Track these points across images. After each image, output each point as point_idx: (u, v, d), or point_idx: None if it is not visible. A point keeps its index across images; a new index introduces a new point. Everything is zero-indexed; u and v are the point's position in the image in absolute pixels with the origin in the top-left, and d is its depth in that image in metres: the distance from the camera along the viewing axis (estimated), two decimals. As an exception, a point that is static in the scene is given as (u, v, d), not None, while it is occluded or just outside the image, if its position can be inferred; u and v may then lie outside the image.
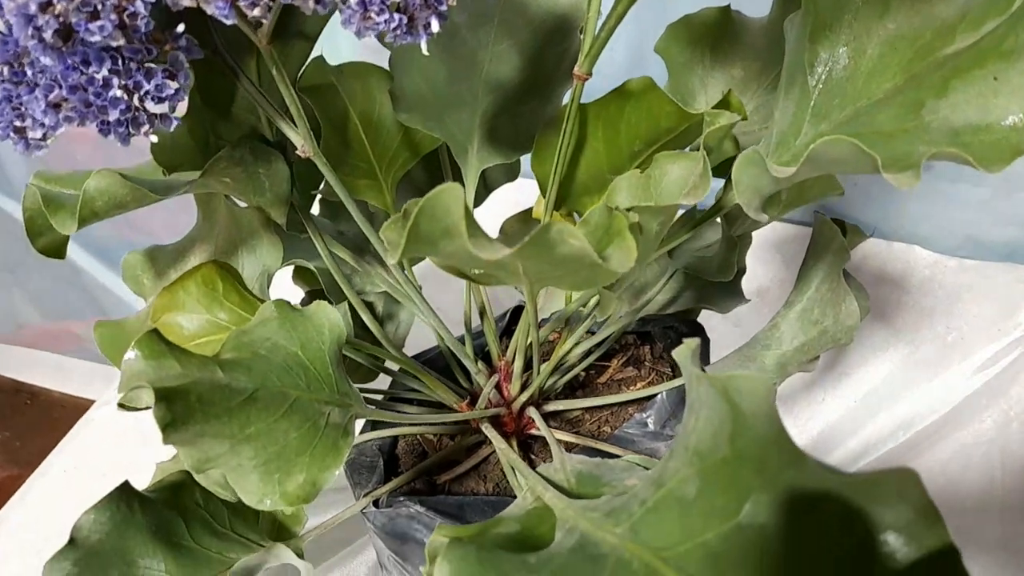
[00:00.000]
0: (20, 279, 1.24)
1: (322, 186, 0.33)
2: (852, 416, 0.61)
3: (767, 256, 0.71)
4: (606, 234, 0.21)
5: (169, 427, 0.22)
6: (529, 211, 0.42)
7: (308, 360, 0.27)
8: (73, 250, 1.16)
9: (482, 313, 0.39)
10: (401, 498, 0.34)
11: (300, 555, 0.31)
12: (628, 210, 0.22)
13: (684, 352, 0.21)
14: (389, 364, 0.41)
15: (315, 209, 0.42)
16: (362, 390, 0.39)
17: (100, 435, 0.61)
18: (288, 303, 0.28)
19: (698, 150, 0.27)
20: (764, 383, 0.17)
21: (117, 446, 0.60)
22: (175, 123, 0.24)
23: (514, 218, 0.42)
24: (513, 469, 0.34)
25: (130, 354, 0.23)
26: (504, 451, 0.32)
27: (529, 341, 0.35)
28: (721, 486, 0.19)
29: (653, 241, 0.25)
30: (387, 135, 0.33)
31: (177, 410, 0.23)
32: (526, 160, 0.36)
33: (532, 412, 0.37)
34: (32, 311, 1.31)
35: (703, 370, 0.20)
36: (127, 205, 0.30)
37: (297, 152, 0.28)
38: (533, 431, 0.39)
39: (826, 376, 0.62)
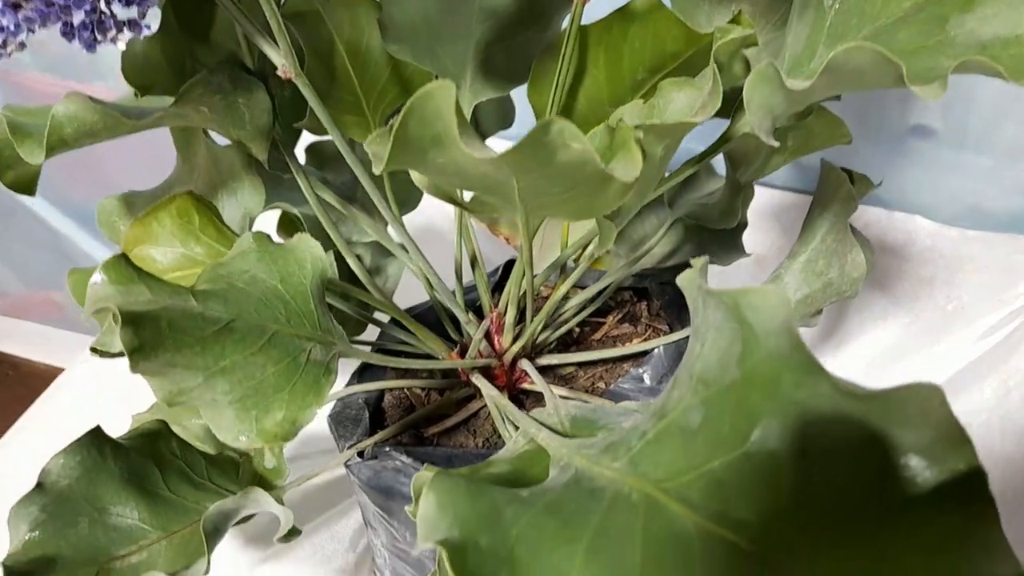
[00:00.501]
0: None
1: (306, 119, 0.31)
2: (849, 385, 0.60)
3: (766, 224, 0.69)
4: (609, 149, 0.19)
5: (137, 353, 0.21)
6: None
7: (288, 294, 0.26)
8: (54, 216, 1.14)
9: (473, 263, 0.38)
10: (387, 448, 0.33)
11: (279, 502, 0.29)
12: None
13: (691, 274, 0.20)
14: (378, 317, 0.40)
15: (300, 159, 0.41)
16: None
17: (78, 393, 0.59)
18: (268, 236, 0.27)
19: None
20: (779, 295, 0.16)
21: (96, 405, 0.59)
22: (145, 31, 0.22)
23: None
24: (503, 419, 0.33)
25: (96, 277, 0.22)
26: (494, 397, 0.31)
27: (523, 291, 0.34)
28: (728, 413, 0.18)
29: (657, 169, 0.23)
30: (375, 67, 0.31)
31: (145, 336, 0.21)
32: (521, 121, 0.34)
33: (525, 364, 0.36)
34: (12, 279, 1.28)
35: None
36: (99, 134, 0.28)
37: (278, 73, 0.26)
38: (525, 385, 0.37)
39: (825, 344, 0.61)
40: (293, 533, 0.29)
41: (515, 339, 0.36)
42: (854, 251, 0.34)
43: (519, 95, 0.34)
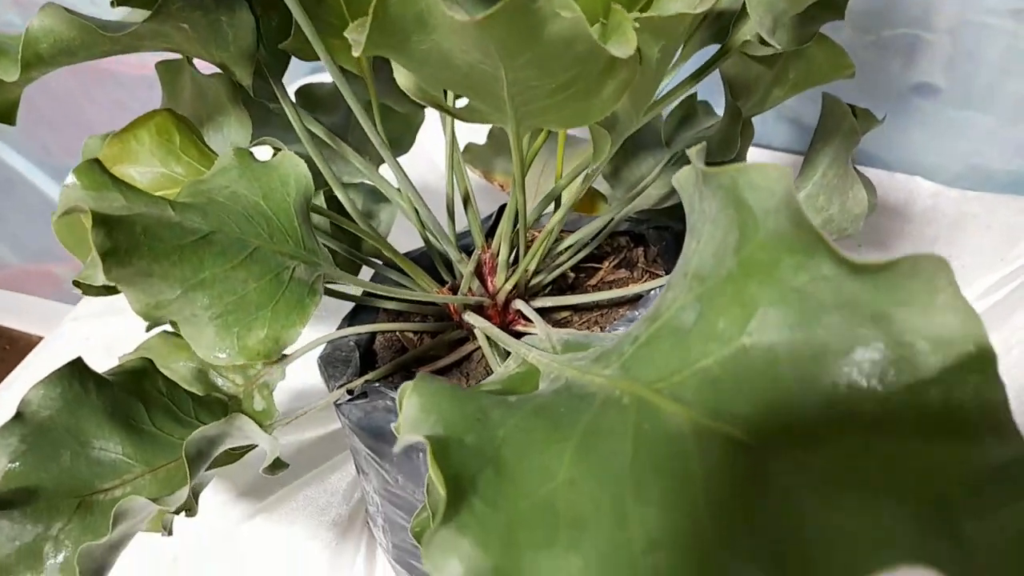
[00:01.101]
0: (-5, 217, 1.20)
1: (291, 39, 0.30)
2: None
3: (765, 185, 0.68)
4: (602, 36, 0.19)
5: (110, 257, 0.20)
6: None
7: (271, 211, 0.25)
8: (53, 189, 1.13)
9: (466, 203, 0.37)
10: (377, 384, 0.32)
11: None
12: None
13: (687, 169, 0.19)
14: (371, 264, 0.39)
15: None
16: (338, 292, 0.37)
17: (68, 349, 0.59)
18: (250, 153, 0.26)
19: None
20: (779, 169, 0.15)
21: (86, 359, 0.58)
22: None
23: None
24: (496, 356, 0.32)
25: (69, 179, 0.21)
26: (486, 328, 0.30)
27: (516, 227, 0.33)
28: (723, 307, 0.17)
29: (653, 75, 0.22)
30: (363, -12, 0.30)
31: (119, 239, 0.20)
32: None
33: (518, 304, 0.35)
34: (10, 252, 1.27)
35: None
36: (76, 51, 0.27)
37: (259, -22, 0.25)
38: (519, 327, 0.37)
39: (823, 304, 0.61)
40: (279, 465, 0.28)
41: (508, 278, 0.35)
42: (855, 187, 0.34)
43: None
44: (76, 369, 0.30)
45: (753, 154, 0.74)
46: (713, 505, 0.15)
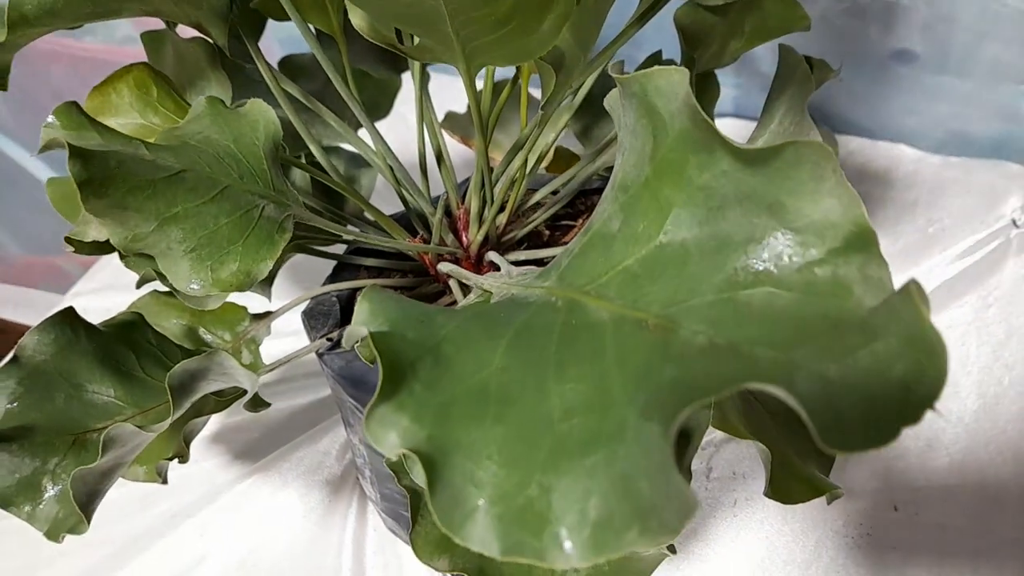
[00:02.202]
0: None
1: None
2: (829, 307, 0.60)
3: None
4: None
5: (86, 187, 0.22)
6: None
7: (241, 154, 0.26)
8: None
9: (439, 159, 0.38)
10: (353, 330, 0.34)
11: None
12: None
13: (613, 91, 0.20)
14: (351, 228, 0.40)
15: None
16: (322, 252, 0.39)
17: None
18: (222, 101, 0.27)
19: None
20: (680, 71, 0.17)
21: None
22: None
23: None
24: (463, 293, 0.34)
25: (49, 119, 0.22)
26: (454, 271, 0.32)
27: (482, 182, 0.35)
28: (642, 211, 0.19)
29: (593, 11, 0.24)
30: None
31: (94, 170, 0.22)
32: None
33: (492, 255, 0.36)
34: (15, 246, 1.30)
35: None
36: (60, 12, 0.29)
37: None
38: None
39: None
40: (259, 403, 0.30)
41: (479, 230, 0.36)
42: (812, 134, 0.35)
43: None
44: (67, 317, 0.31)
45: (739, 124, 0.76)
46: (621, 376, 0.16)
